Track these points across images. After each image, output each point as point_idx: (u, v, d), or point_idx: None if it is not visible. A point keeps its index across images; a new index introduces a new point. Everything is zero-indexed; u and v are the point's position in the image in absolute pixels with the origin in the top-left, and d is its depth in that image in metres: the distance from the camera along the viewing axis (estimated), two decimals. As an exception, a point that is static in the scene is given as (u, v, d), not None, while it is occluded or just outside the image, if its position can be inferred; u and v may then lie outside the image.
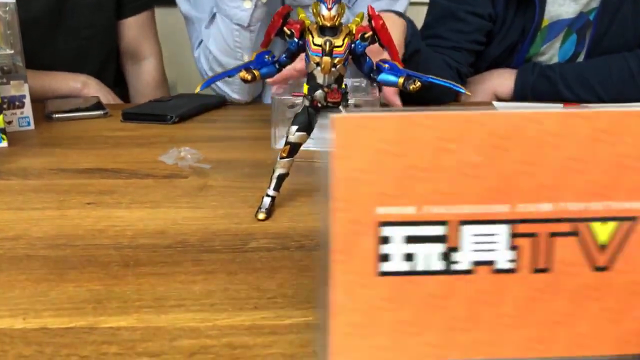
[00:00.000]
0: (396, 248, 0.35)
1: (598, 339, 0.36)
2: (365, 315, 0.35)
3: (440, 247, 0.35)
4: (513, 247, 0.35)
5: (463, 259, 0.35)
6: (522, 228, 0.35)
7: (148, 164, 0.81)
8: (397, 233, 0.34)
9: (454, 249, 0.35)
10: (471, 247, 0.35)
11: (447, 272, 0.35)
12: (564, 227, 0.35)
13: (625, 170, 0.34)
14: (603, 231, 0.35)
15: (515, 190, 0.34)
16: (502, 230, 0.35)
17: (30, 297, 0.45)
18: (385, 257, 0.35)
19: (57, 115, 1.03)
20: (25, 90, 0.98)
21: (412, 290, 0.35)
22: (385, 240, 0.34)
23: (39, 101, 1.09)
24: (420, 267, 0.35)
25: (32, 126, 0.99)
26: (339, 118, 0.33)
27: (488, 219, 0.34)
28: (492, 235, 0.35)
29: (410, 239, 0.35)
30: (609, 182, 0.34)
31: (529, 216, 0.34)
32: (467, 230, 0.34)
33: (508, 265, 0.35)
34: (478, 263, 0.35)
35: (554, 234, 0.35)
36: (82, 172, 0.77)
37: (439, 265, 0.35)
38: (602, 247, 0.35)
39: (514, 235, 0.35)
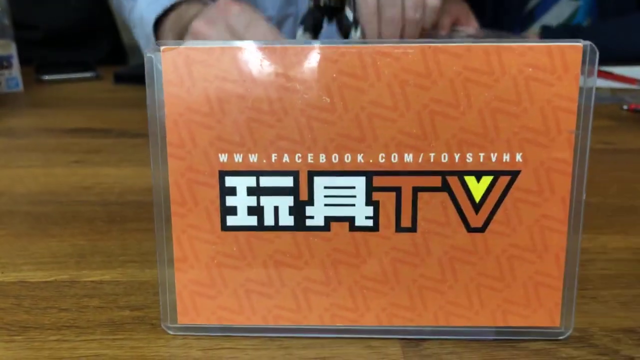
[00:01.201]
0: (241, 200, 0.26)
1: (473, 308, 0.27)
2: (211, 274, 0.27)
3: (289, 201, 0.26)
4: (372, 203, 0.26)
5: (316, 214, 0.26)
6: (382, 181, 0.25)
7: (138, 124, 0.71)
8: (241, 183, 0.26)
9: (305, 203, 0.26)
10: (325, 200, 0.26)
11: (298, 228, 0.26)
12: (432, 182, 0.25)
13: (502, 116, 0.25)
14: (477, 187, 0.26)
15: (372, 138, 0.25)
16: (359, 183, 0.25)
17: (10, 252, 0.37)
18: (230, 210, 0.26)
19: (47, 77, 0.94)
20: (12, 50, 0.83)
21: (261, 247, 0.26)
22: (229, 191, 0.26)
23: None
24: (268, 222, 0.26)
25: (20, 88, 0.86)
26: (168, 50, 0.25)
27: (342, 169, 0.25)
28: (348, 188, 0.26)
29: (256, 191, 0.26)
30: (483, 130, 0.25)
31: (389, 168, 0.25)
32: (319, 182, 0.25)
33: (367, 223, 0.26)
34: (333, 219, 0.26)
35: (419, 189, 0.25)
36: (70, 132, 0.70)
37: (289, 220, 0.26)
38: (477, 206, 0.26)
39: (373, 189, 0.26)
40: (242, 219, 0.26)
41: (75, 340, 0.27)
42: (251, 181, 0.25)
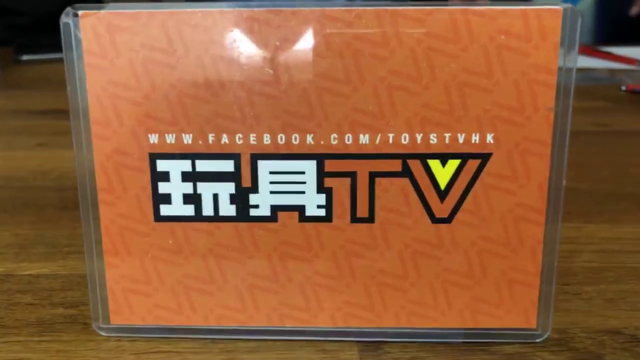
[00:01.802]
0: (176, 187, 0.23)
1: (438, 307, 0.24)
2: (145, 269, 0.24)
3: (230, 187, 0.23)
4: (324, 190, 0.23)
5: (261, 203, 0.23)
6: (335, 165, 0.22)
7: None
8: (175, 168, 0.23)
9: (248, 190, 0.23)
10: (270, 187, 0.23)
11: (241, 218, 0.23)
12: (391, 166, 0.22)
13: (471, 91, 0.22)
14: (442, 172, 0.23)
15: (323, 116, 0.22)
16: (309, 168, 0.22)
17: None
18: (163, 198, 0.23)
19: (25, 57, 0.91)
20: (-12, 29, 0.81)
21: (199, 239, 0.23)
22: (161, 176, 0.23)
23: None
24: (207, 212, 0.23)
25: None
26: (86, 15, 0.21)
27: (290, 152, 0.22)
28: (297, 173, 0.23)
29: (192, 176, 0.23)
30: (449, 106, 0.22)
31: (343, 150, 0.22)
32: (264, 166, 0.22)
33: (319, 212, 0.23)
34: (281, 208, 0.23)
35: (377, 174, 0.22)
36: (38, 114, 0.67)
37: (231, 209, 0.23)
38: (442, 193, 0.23)
39: (325, 175, 0.23)
40: (178, 208, 0.23)
41: (-2, 342, 0.25)
42: (186, 165, 0.22)
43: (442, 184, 0.22)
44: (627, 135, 0.53)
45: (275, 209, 0.23)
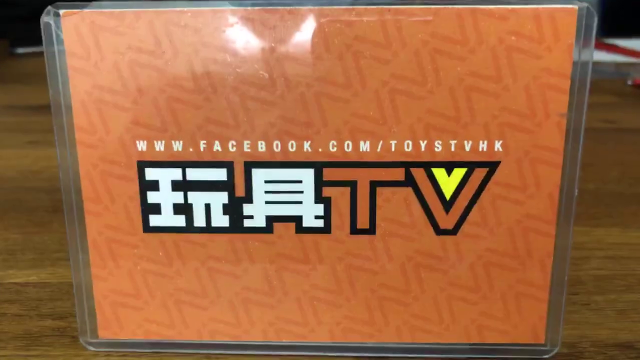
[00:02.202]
0: (166, 197, 0.22)
1: (442, 322, 0.23)
2: (135, 282, 0.23)
3: (223, 197, 0.22)
4: (323, 200, 0.22)
5: (256, 214, 0.22)
6: (334, 174, 0.21)
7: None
8: (164, 176, 0.22)
9: (242, 200, 0.22)
10: (266, 197, 0.22)
11: (235, 229, 0.22)
12: (393, 175, 0.21)
13: (479, 95, 0.20)
14: (448, 181, 0.21)
15: (322, 122, 0.21)
16: (307, 177, 0.21)
17: None
18: (152, 208, 0.22)
19: (21, 50, 0.89)
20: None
21: (191, 251, 0.22)
22: (151, 186, 0.22)
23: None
24: (199, 223, 0.22)
25: None
26: (68, 14, 0.20)
27: (286, 160, 0.21)
28: (294, 182, 0.21)
29: (183, 185, 0.22)
30: (455, 112, 0.20)
31: (342, 158, 0.21)
32: (259, 175, 0.21)
33: (317, 223, 0.22)
34: (277, 219, 0.22)
35: (378, 183, 0.21)
36: (31, 109, 0.65)
37: (224, 220, 0.22)
38: (447, 203, 0.22)
39: (324, 184, 0.21)
40: (168, 218, 0.22)
41: (-18, 357, 0.24)
42: (176, 174, 0.21)
43: (447, 194, 0.21)
44: (635, 132, 0.52)
45: (270, 219, 0.22)
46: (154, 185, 0.21)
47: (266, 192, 0.21)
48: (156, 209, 0.22)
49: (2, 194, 0.40)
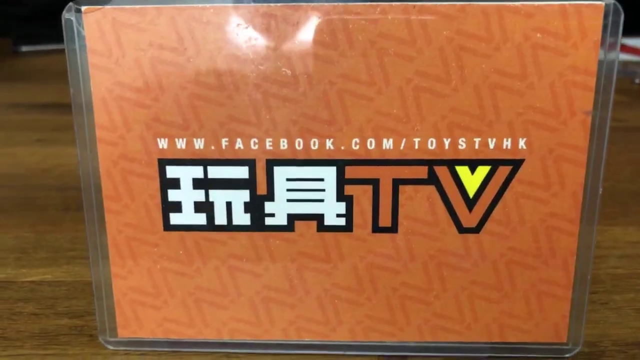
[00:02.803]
0: (187, 195, 0.22)
1: (464, 321, 0.23)
2: (154, 280, 0.23)
3: (244, 195, 0.21)
4: (345, 198, 0.21)
5: (278, 212, 0.22)
6: (356, 172, 0.21)
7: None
8: (186, 174, 0.21)
9: (264, 198, 0.22)
10: (287, 195, 0.21)
11: (256, 228, 0.22)
12: (416, 173, 0.21)
13: (503, 93, 0.20)
14: (471, 180, 0.21)
15: (344, 120, 0.21)
16: (328, 174, 0.21)
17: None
18: (173, 207, 0.22)
19: (25, 48, 0.89)
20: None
21: (212, 250, 0.22)
22: (171, 183, 0.22)
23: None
24: (220, 221, 0.22)
25: None
26: (90, 10, 0.20)
27: (308, 158, 0.21)
28: (315, 180, 0.21)
29: (204, 183, 0.21)
30: (479, 110, 0.20)
31: (365, 156, 0.21)
32: (281, 173, 0.21)
33: (339, 222, 0.22)
34: (298, 217, 0.22)
35: (401, 181, 0.21)
36: (38, 107, 0.65)
37: (245, 218, 0.22)
38: (470, 202, 0.21)
39: (346, 182, 0.21)
40: (189, 216, 0.22)
41: (1, 355, 0.23)
42: (198, 172, 0.21)
43: (471, 192, 0.21)
44: (645, 130, 0.51)
45: (292, 218, 0.21)
46: (175, 183, 0.21)
47: (288, 190, 0.21)
48: (177, 207, 0.21)
49: (12, 192, 0.40)
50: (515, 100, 0.20)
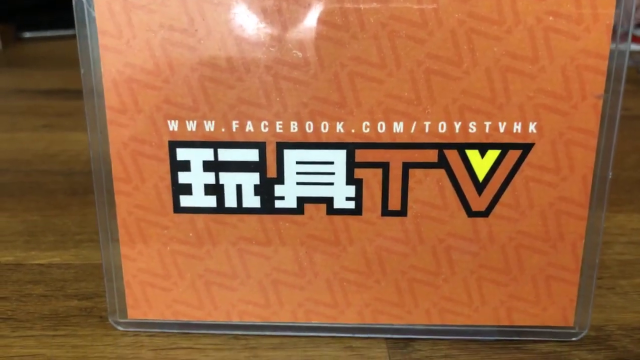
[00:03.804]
0: (197, 177, 0.22)
1: (472, 304, 0.23)
2: (164, 262, 0.23)
3: (254, 178, 0.21)
4: (354, 181, 0.21)
5: (287, 195, 0.22)
6: (366, 155, 0.21)
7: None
8: (196, 157, 0.21)
9: (274, 181, 0.22)
10: (297, 178, 0.21)
11: (266, 210, 0.22)
12: (426, 156, 0.21)
13: (514, 76, 0.20)
14: (481, 163, 0.21)
15: (355, 103, 0.20)
16: (338, 158, 0.21)
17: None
18: (183, 189, 0.22)
19: (28, 34, 0.89)
20: (-10, 5, 0.79)
21: (222, 232, 0.22)
22: (182, 166, 0.21)
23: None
24: (230, 203, 0.22)
25: None
26: (101, -8, 0.20)
27: (318, 141, 0.21)
28: (325, 163, 0.21)
29: (214, 166, 0.21)
30: (490, 93, 0.20)
31: (375, 139, 0.21)
32: (291, 156, 0.21)
33: (348, 205, 0.22)
34: (308, 200, 0.22)
35: (411, 165, 0.21)
36: (43, 93, 0.65)
37: (255, 201, 0.22)
38: (480, 185, 0.21)
39: (356, 165, 0.21)
40: (199, 199, 0.22)
41: (11, 336, 0.23)
42: (208, 154, 0.21)
43: (481, 176, 0.21)
44: (650, 119, 0.51)
45: (301, 200, 0.21)
46: (185, 166, 0.21)
47: (297, 173, 0.21)
48: (187, 189, 0.21)
49: (19, 177, 0.40)
50: (526, 83, 0.20)
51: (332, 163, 0.21)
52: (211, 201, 0.22)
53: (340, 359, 0.22)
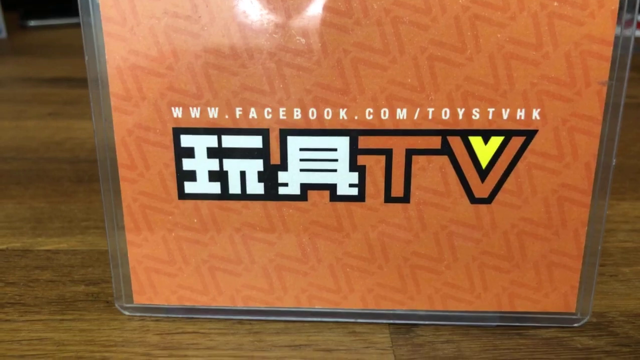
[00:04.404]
0: (201, 164, 0.22)
1: (474, 291, 0.23)
2: (169, 248, 0.23)
3: (258, 165, 0.22)
4: (357, 168, 0.21)
5: (291, 181, 0.22)
6: (369, 142, 0.21)
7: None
8: (200, 143, 0.21)
9: (277, 168, 0.22)
10: (300, 165, 0.21)
11: (270, 197, 0.22)
12: (429, 143, 0.21)
13: (518, 63, 0.20)
14: (484, 150, 0.21)
15: (358, 89, 0.20)
16: (341, 144, 0.21)
17: (-39, 215, 0.34)
18: (188, 175, 0.22)
19: (32, 23, 0.89)
20: (-6, -7, 0.78)
21: (226, 218, 0.22)
22: (186, 152, 0.22)
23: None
24: (234, 190, 0.22)
25: (3, 34, 0.81)
26: (104, -22, 0.20)
27: (321, 127, 0.21)
28: (329, 150, 0.21)
29: (218, 153, 0.22)
30: (493, 79, 0.20)
31: (378, 125, 0.21)
32: (294, 143, 0.21)
33: (351, 192, 0.22)
34: (311, 187, 0.22)
35: (414, 152, 0.21)
36: (48, 81, 0.65)
37: (259, 187, 0.22)
38: (483, 172, 0.21)
39: (359, 152, 0.21)
40: (203, 185, 0.22)
41: (19, 321, 0.24)
42: (212, 141, 0.21)
43: (484, 163, 0.21)
44: (656, 107, 0.51)
45: (305, 187, 0.21)
46: (190, 152, 0.21)
47: (301, 160, 0.21)
48: (191, 176, 0.22)
49: (26, 165, 0.40)
50: (529, 70, 0.20)
51: (335, 150, 0.21)
52: (215, 188, 0.22)
53: (344, 344, 0.22)
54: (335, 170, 0.21)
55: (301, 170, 0.21)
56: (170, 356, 0.22)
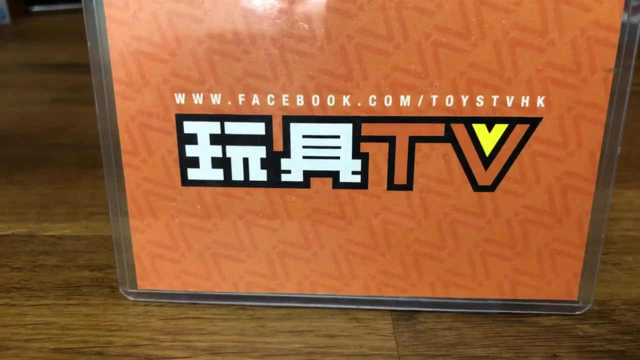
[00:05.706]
0: (204, 150, 0.22)
1: (476, 278, 0.23)
2: (173, 234, 0.23)
3: (261, 151, 0.21)
4: (360, 155, 0.21)
5: (294, 168, 0.22)
6: (372, 129, 0.21)
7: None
8: (203, 130, 0.21)
9: (280, 155, 0.22)
10: (303, 152, 0.21)
11: (273, 184, 0.22)
12: (433, 130, 0.21)
13: (523, 49, 0.20)
14: (488, 137, 0.21)
15: (361, 76, 0.20)
16: (345, 131, 0.21)
17: (-33, 202, 0.34)
18: (190, 162, 0.22)
19: (36, 8, 0.89)
20: (-3, -23, 0.79)
21: (229, 205, 0.22)
22: (189, 139, 0.22)
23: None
24: (237, 177, 0.22)
25: (7, 20, 0.81)
26: (106, -37, 0.20)
27: (324, 114, 0.21)
28: (332, 137, 0.21)
29: (221, 139, 0.21)
30: (498, 66, 0.20)
31: (381, 112, 0.21)
32: (297, 130, 0.21)
33: (354, 179, 0.22)
34: (314, 174, 0.22)
35: (418, 139, 0.21)
36: (52, 67, 0.65)
37: (262, 174, 0.22)
38: (486, 160, 0.21)
39: (362, 139, 0.21)
40: (206, 172, 0.22)
41: (24, 305, 0.24)
42: (215, 127, 0.21)
43: (487, 150, 0.21)
44: (663, 95, 0.50)
45: (308, 174, 0.21)
46: (193, 139, 0.21)
47: (304, 147, 0.21)
48: (194, 162, 0.21)
49: (30, 151, 0.40)
50: (535, 56, 0.19)
51: (338, 137, 0.21)
52: (218, 174, 0.22)
53: (346, 330, 0.22)
54: (338, 158, 0.21)
55: (304, 157, 0.21)
56: (174, 341, 0.22)
